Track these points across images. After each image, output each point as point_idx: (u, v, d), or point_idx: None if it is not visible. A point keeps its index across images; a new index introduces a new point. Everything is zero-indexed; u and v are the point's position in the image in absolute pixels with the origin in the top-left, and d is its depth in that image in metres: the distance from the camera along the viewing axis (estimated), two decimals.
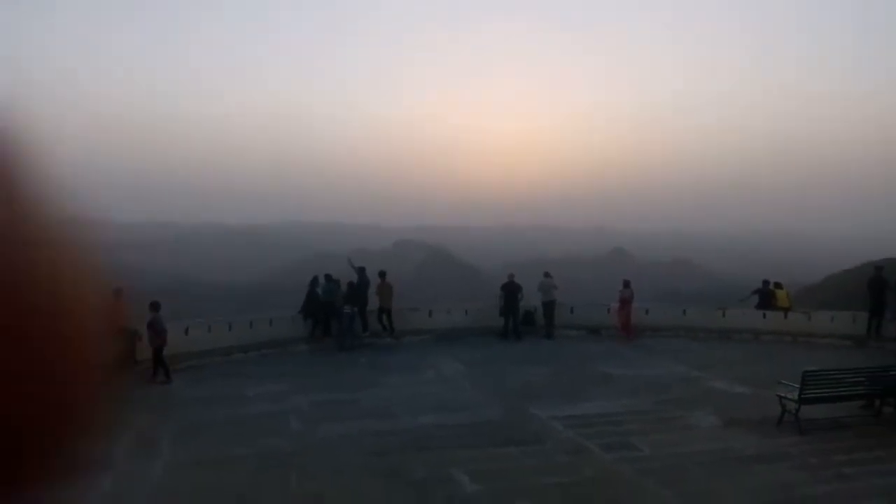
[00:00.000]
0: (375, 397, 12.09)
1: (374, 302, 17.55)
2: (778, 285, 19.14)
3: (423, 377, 13.77)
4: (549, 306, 18.53)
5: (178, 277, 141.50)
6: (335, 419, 10.70)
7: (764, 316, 18.76)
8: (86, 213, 0.56)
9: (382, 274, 17.78)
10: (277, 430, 10.13)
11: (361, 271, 17.23)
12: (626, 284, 18.45)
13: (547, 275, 18.76)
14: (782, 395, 10.27)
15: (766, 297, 19.00)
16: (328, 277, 17.32)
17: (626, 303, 18.30)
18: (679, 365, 14.89)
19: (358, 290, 16.86)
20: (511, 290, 18.18)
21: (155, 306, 13.12)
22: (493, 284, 21.19)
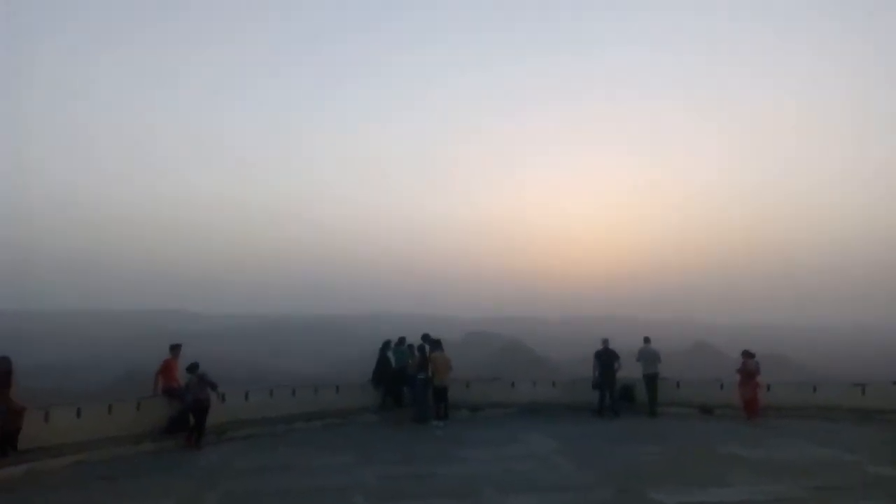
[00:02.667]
0: (455, 473, 10.12)
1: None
2: None
3: (510, 452, 11.67)
4: (651, 379, 16.13)
5: (254, 366, 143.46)
6: (407, 496, 8.81)
7: None
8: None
9: (436, 342, 15.33)
10: None
11: (436, 343, 15.40)
12: (750, 355, 15.88)
13: (647, 340, 16.46)
14: None
15: None
16: (401, 341, 15.75)
17: (750, 376, 15.66)
18: (823, 447, 12.15)
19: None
20: (607, 359, 15.96)
21: (193, 368, 11.95)
22: (568, 375, 18.71)
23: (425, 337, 15.43)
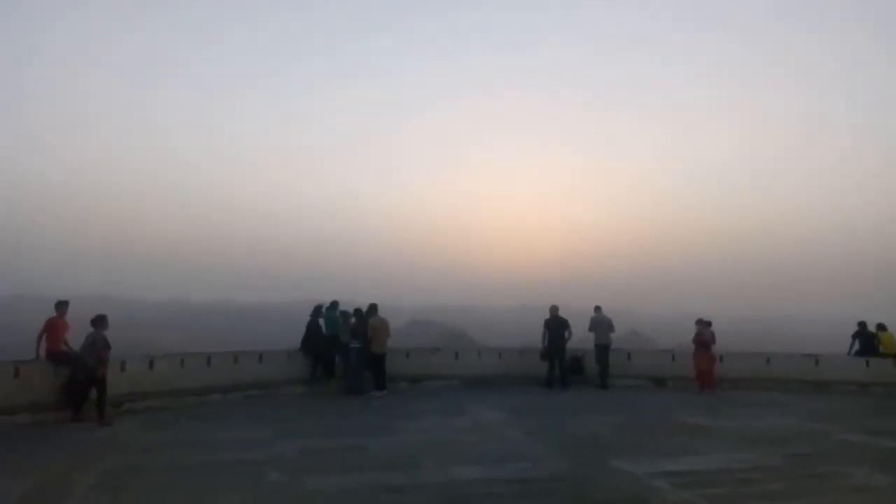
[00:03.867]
0: (391, 445, 8.73)
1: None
2: (882, 327, 15.67)
3: (454, 424, 10.37)
4: (603, 350, 15.14)
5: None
6: (332, 470, 7.36)
7: (867, 364, 15.22)
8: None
9: (373, 306, 13.81)
10: (246, 482, 6.82)
11: (372, 307, 13.89)
12: (706, 323, 15.05)
13: (599, 309, 15.44)
14: None
15: (867, 341, 15.51)
16: (333, 305, 14.19)
17: (705, 346, 14.84)
18: (787, 417, 11.39)
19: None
20: (557, 327, 14.86)
21: (100, 322, 10.08)
22: None
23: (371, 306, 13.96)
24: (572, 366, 15.36)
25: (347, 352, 13.29)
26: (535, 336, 17.74)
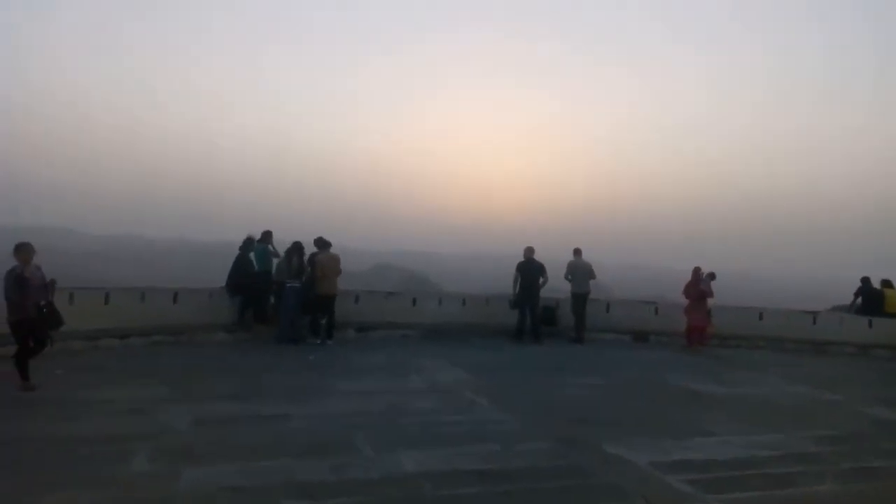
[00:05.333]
0: (322, 415, 6.72)
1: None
2: (888, 284, 14.17)
3: (407, 386, 8.41)
4: (581, 300, 13.31)
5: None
6: (227, 454, 5.31)
7: (870, 324, 13.75)
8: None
9: (323, 241, 11.54)
10: (95, 472, 4.75)
11: (323, 242, 11.65)
12: (709, 275, 13.26)
13: (578, 252, 13.51)
14: None
15: (872, 299, 14.01)
16: (266, 236, 11.92)
17: (702, 298, 13.08)
18: (795, 384, 9.75)
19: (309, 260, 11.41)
20: (530, 273, 12.91)
21: (20, 249, 7.39)
22: None
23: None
24: (545, 316, 13.54)
25: (284, 293, 11.15)
26: (502, 284, 15.89)
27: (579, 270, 13.28)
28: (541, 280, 12.93)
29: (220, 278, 12.07)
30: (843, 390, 9.32)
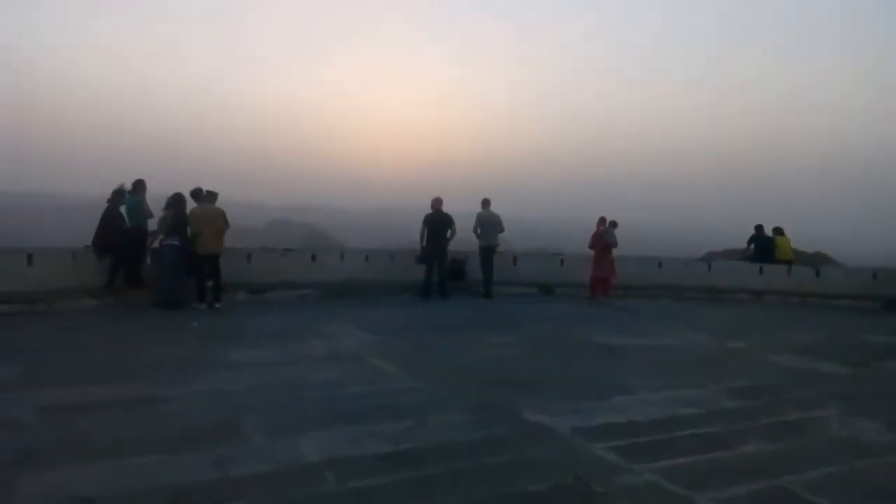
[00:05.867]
0: (204, 394, 5.81)
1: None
2: (779, 231, 14.73)
3: (305, 352, 7.59)
4: (488, 254, 12.88)
5: None
6: (83, 451, 4.36)
7: (761, 271, 14.30)
8: None
9: (205, 194, 10.28)
10: None
11: (205, 193, 10.39)
12: (612, 224, 13.14)
13: (487, 203, 13.01)
14: None
15: (763, 246, 14.54)
16: (138, 186, 10.50)
17: (607, 248, 12.98)
18: (699, 333, 9.84)
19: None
20: (438, 225, 12.30)
21: None
22: None
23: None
24: (453, 271, 13.04)
25: (162, 252, 9.90)
26: (407, 239, 15.24)
27: (488, 222, 12.80)
28: (448, 233, 12.35)
29: (87, 237, 10.58)
30: (746, 338, 9.46)
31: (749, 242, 14.80)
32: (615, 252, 13.22)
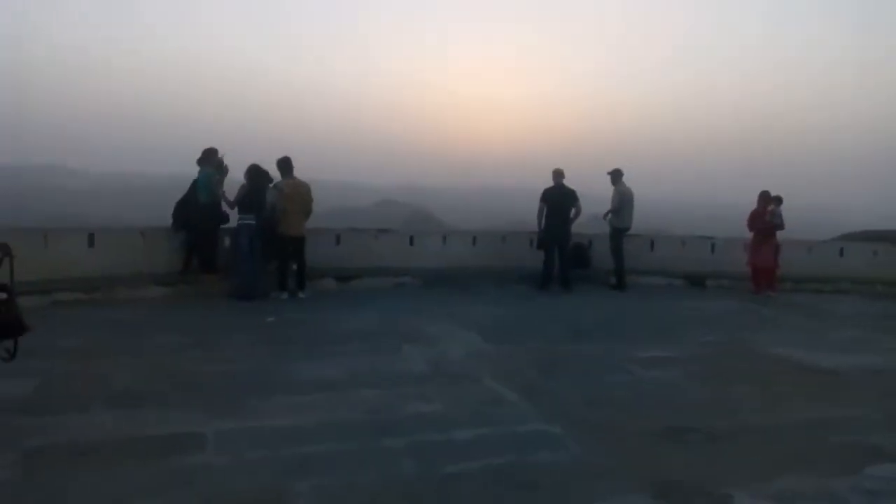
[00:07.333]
0: (252, 436, 4.08)
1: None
2: None
3: (396, 366, 5.76)
4: (619, 236, 10.62)
5: None
6: None
7: None
8: None
9: (285, 164, 8.71)
10: None
11: (284, 164, 8.79)
12: (777, 199, 10.50)
13: (619, 176, 10.70)
14: None
15: None
16: (209, 156, 8.96)
17: (770, 232, 10.38)
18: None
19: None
20: (561, 202, 10.15)
21: None
22: None
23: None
24: (576, 257, 10.87)
25: (238, 233, 8.46)
26: (515, 219, 13.16)
27: (625, 199, 10.52)
28: (572, 211, 10.18)
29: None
30: None
31: None
32: (780, 235, 10.54)
